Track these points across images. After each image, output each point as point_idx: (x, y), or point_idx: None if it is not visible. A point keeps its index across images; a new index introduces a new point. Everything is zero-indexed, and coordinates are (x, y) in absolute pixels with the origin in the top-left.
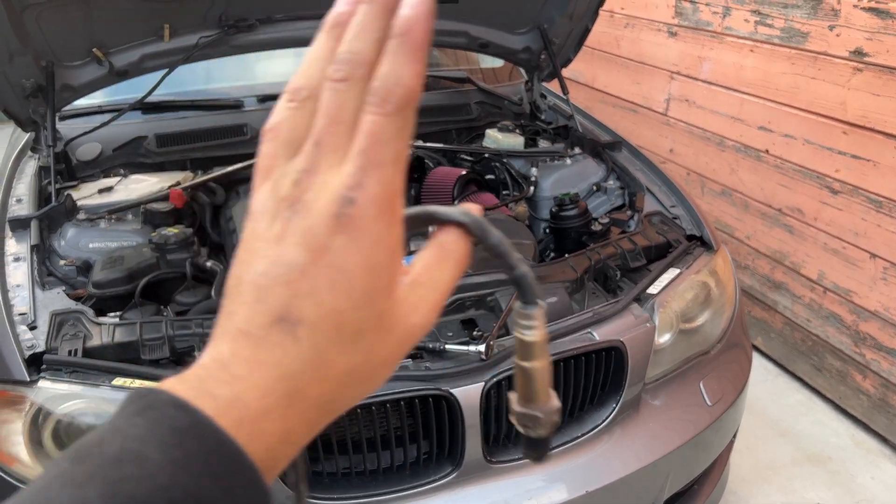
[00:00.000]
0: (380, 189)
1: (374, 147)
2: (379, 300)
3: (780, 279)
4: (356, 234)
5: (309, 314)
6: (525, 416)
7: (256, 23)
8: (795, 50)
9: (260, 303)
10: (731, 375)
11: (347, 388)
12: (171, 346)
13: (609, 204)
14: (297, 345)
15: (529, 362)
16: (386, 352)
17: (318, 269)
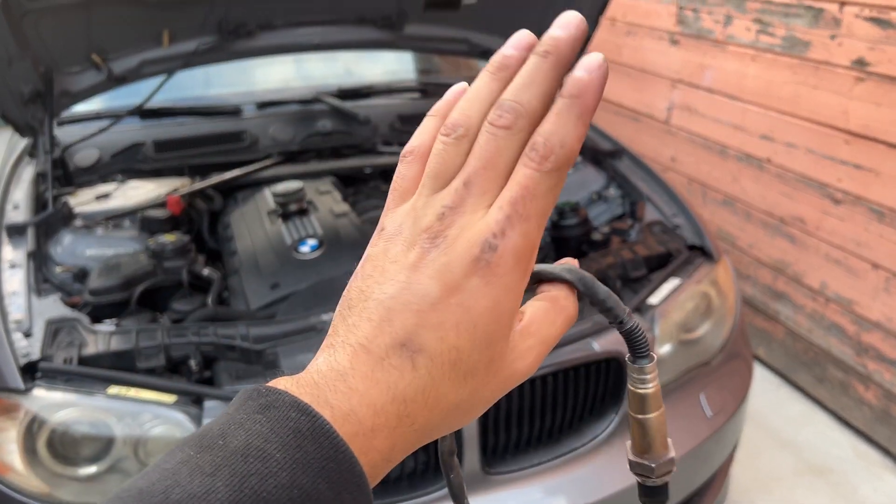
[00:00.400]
0: (521, 241)
1: (524, 199)
2: (496, 346)
3: (782, 289)
4: (491, 280)
5: (431, 346)
6: (641, 465)
7: (256, 29)
8: (797, 59)
9: (386, 323)
10: (732, 386)
11: (449, 419)
12: (167, 354)
13: (610, 213)
14: (414, 372)
15: (644, 415)
16: (489, 392)
17: (447, 305)
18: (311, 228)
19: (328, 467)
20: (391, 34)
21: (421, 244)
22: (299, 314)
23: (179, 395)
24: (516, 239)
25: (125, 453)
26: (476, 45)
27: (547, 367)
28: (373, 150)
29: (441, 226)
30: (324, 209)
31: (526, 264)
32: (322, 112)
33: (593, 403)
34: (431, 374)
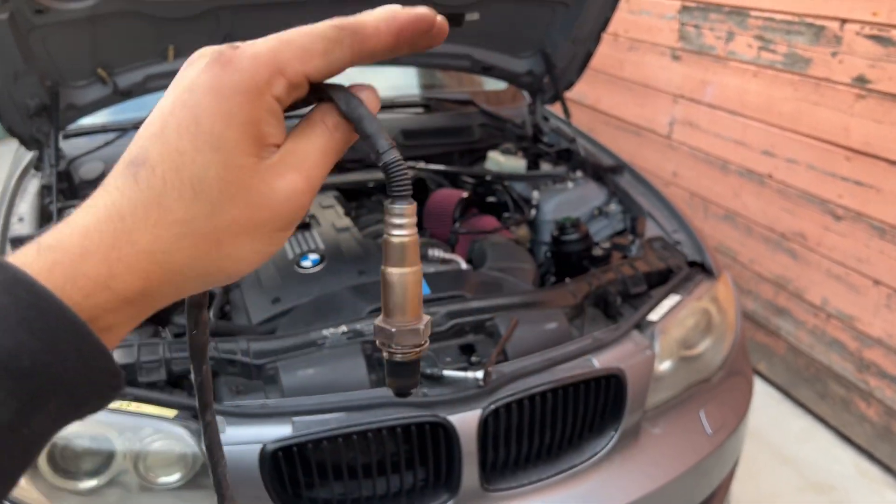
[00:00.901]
0: (266, 52)
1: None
2: (226, 150)
3: (784, 304)
4: (220, 76)
5: (153, 155)
6: (384, 332)
7: None
8: (798, 76)
9: (127, 151)
10: (733, 403)
11: (185, 242)
12: (168, 368)
13: (610, 228)
14: (135, 186)
15: (398, 268)
16: (238, 212)
17: (175, 110)
18: (312, 243)
19: (28, 316)
20: None
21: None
22: (300, 329)
23: (180, 410)
24: (262, 47)
25: (125, 467)
26: (478, 61)
27: (546, 384)
28: (375, 164)
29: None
30: (326, 223)
31: (265, 75)
32: None
33: (593, 420)
34: (153, 185)
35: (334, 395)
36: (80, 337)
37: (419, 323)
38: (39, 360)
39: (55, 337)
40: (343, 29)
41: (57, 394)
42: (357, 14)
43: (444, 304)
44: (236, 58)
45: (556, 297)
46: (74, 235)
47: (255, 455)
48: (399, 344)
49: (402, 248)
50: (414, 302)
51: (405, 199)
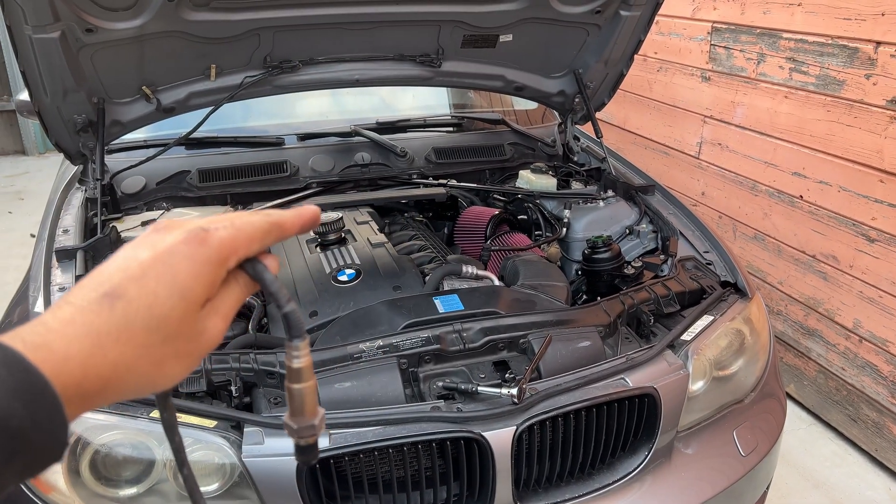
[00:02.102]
0: (228, 238)
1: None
2: (190, 302)
3: (814, 326)
4: (197, 250)
5: (130, 293)
6: (290, 427)
7: (299, 64)
8: (831, 97)
9: (96, 284)
10: (765, 425)
11: (141, 361)
12: (208, 379)
13: (642, 248)
14: (111, 313)
15: (298, 385)
16: (182, 347)
17: (155, 263)
18: (348, 258)
19: (20, 388)
20: (430, 71)
21: (152, 230)
22: (337, 343)
23: (219, 420)
24: (225, 234)
25: (164, 476)
26: (511, 81)
27: (580, 402)
28: (409, 181)
29: (173, 221)
30: (361, 239)
31: (226, 254)
32: (361, 144)
33: (626, 439)
34: (127, 314)
35: (371, 409)
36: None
37: (315, 419)
38: (24, 425)
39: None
40: (273, 224)
41: (25, 454)
42: (280, 213)
43: (478, 321)
44: (209, 239)
45: (590, 315)
46: (57, 340)
47: (293, 467)
48: (301, 435)
49: (300, 371)
50: (310, 406)
51: (301, 338)
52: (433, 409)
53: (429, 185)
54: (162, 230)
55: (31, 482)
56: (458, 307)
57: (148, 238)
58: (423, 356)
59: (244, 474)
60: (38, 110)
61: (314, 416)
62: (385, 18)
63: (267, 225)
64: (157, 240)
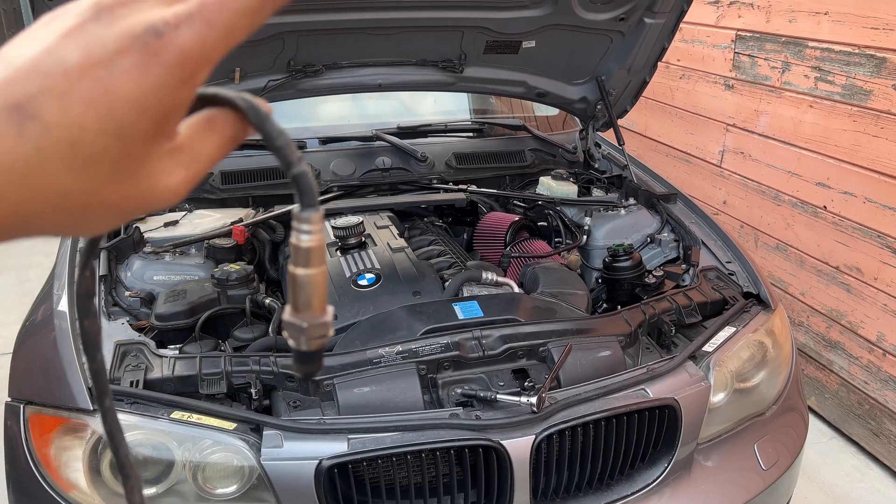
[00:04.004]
0: (194, 43)
1: (216, 4)
2: (130, 140)
3: (837, 338)
4: (145, 65)
5: (49, 115)
6: (293, 326)
7: (323, 68)
8: (857, 107)
9: (6, 84)
10: (787, 439)
11: (56, 210)
12: (229, 381)
13: (663, 256)
14: (19, 139)
15: (304, 269)
16: (116, 197)
17: (85, 77)
18: (368, 262)
19: None
20: (452, 76)
21: (84, 16)
22: (356, 347)
23: (238, 423)
24: (189, 37)
25: (184, 477)
26: (533, 88)
27: (600, 412)
28: (429, 186)
29: (115, 3)
30: (381, 243)
31: (191, 70)
32: (381, 149)
33: (645, 450)
34: (40, 146)
35: (389, 414)
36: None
37: (325, 316)
38: None
39: None
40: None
41: None
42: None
43: (497, 328)
44: (162, 49)
45: (611, 324)
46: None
47: (311, 470)
48: (309, 336)
49: (308, 251)
50: (319, 299)
51: (313, 208)
52: (452, 417)
53: (449, 190)
54: (103, 16)
55: (51, 480)
56: (477, 314)
57: (82, 27)
58: (442, 362)
59: (262, 477)
60: None
61: (322, 313)
62: (408, 24)
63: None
64: (92, 36)
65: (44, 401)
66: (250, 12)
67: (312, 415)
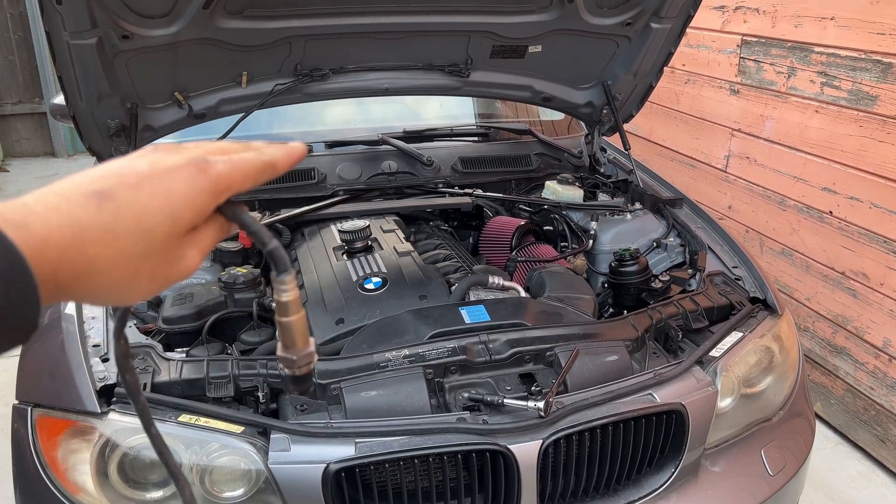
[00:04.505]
0: (225, 173)
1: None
2: (178, 224)
3: (842, 344)
4: (197, 176)
5: (122, 198)
6: (286, 359)
7: (329, 73)
8: (863, 112)
9: (88, 181)
10: (794, 445)
11: (117, 267)
12: (236, 384)
13: (669, 261)
14: (98, 211)
15: (287, 318)
16: (157, 267)
17: (153, 177)
18: (375, 266)
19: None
20: (458, 80)
21: (146, 149)
22: (363, 351)
23: (246, 426)
24: (224, 167)
25: (191, 480)
26: (539, 92)
27: (607, 417)
28: (435, 190)
29: (173, 146)
30: (387, 247)
31: (220, 190)
32: (387, 153)
33: (652, 455)
34: (114, 218)
35: (397, 418)
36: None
37: (309, 348)
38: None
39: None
40: (266, 163)
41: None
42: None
43: (504, 332)
44: (209, 170)
45: (617, 329)
46: (38, 223)
47: (319, 474)
48: (299, 365)
49: (287, 304)
50: (302, 337)
51: (286, 273)
52: (459, 421)
53: (455, 194)
54: (163, 150)
55: (59, 483)
56: (484, 318)
57: (149, 154)
58: (449, 367)
59: (270, 481)
60: (73, 114)
61: (307, 346)
62: (415, 29)
63: (261, 164)
64: (157, 158)
65: (51, 403)
66: (258, 171)
67: (320, 418)
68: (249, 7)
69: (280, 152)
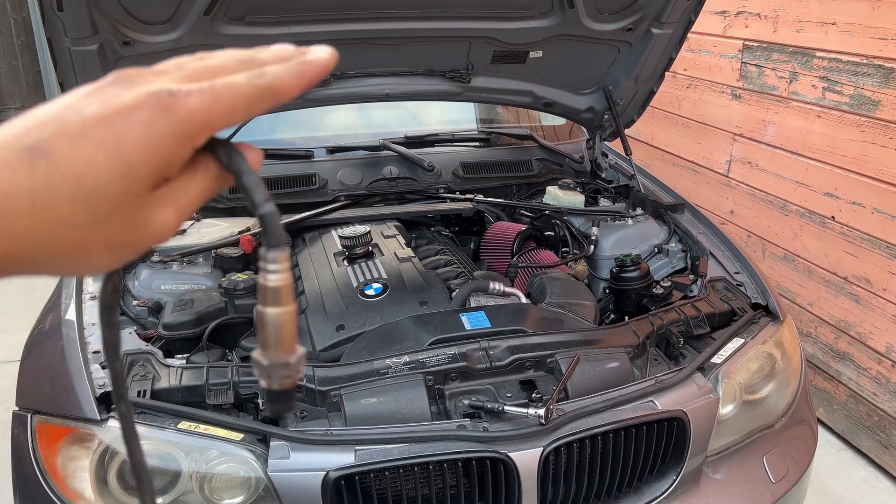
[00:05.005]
0: (201, 108)
1: (225, 84)
2: (134, 180)
3: (845, 349)
4: (157, 118)
5: (61, 153)
6: (261, 365)
7: (331, 78)
8: (865, 117)
9: (23, 131)
10: (796, 452)
11: (57, 240)
12: (236, 391)
13: (670, 267)
14: (29, 173)
15: (273, 308)
16: (113, 231)
17: (101, 122)
18: (375, 272)
19: None
20: (459, 86)
21: (103, 80)
22: (363, 358)
23: (245, 433)
24: (198, 102)
25: (190, 487)
26: (540, 97)
27: (608, 424)
28: (436, 196)
29: (138, 73)
30: (388, 253)
31: (194, 130)
32: (388, 158)
33: (654, 463)
34: (50, 180)
35: (397, 426)
36: None
37: (294, 356)
38: None
39: None
40: (264, 89)
41: None
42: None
43: (505, 339)
44: (174, 106)
45: (619, 335)
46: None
47: (318, 482)
48: (277, 375)
49: (277, 290)
50: (287, 339)
51: (279, 248)
52: (459, 428)
53: (456, 199)
54: (122, 82)
55: (58, 489)
56: (484, 324)
57: (102, 90)
58: (450, 373)
59: (269, 488)
60: None
61: (291, 353)
62: (416, 34)
63: (256, 91)
64: (111, 94)
65: (51, 410)
66: (251, 100)
67: (319, 426)
68: (250, 13)
69: (287, 73)
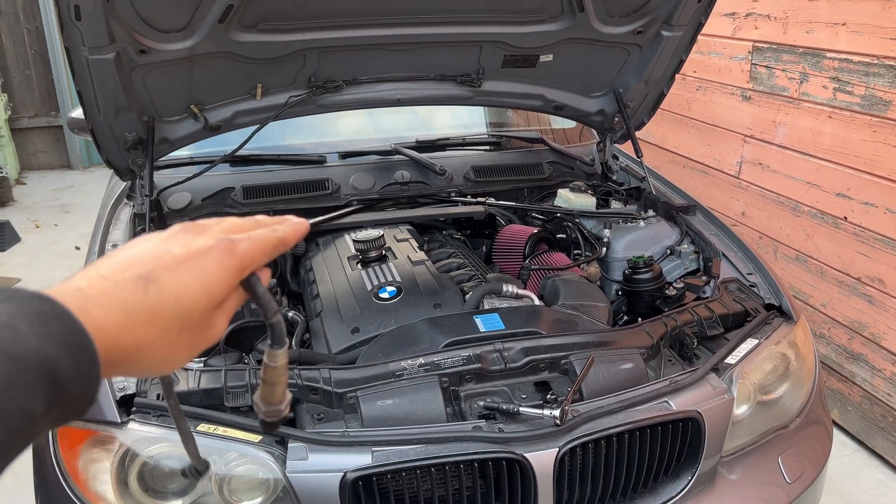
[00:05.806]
0: (248, 251)
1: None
2: (212, 300)
3: (859, 350)
4: (225, 256)
5: (164, 281)
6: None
7: (343, 84)
8: (877, 118)
9: (129, 265)
10: (811, 453)
11: (160, 343)
12: (254, 394)
13: (683, 268)
14: (144, 294)
15: (273, 380)
16: (194, 338)
17: (187, 259)
18: (389, 275)
19: (68, 341)
20: (470, 90)
21: (173, 230)
22: (379, 360)
23: (264, 436)
24: (247, 245)
25: (209, 489)
26: (550, 101)
27: (623, 425)
28: (447, 199)
29: (199, 224)
30: (401, 256)
31: (245, 266)
32: (400, 162)
33: (669, 463)
34: (158, 299)
35: (413, 427)
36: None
37: (282, 404)
38: (68, 375)
39: (82, 364)
40: (280, 241)
41: (62, 403)
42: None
43: (519, 341)
44: (234, 249)
45: (632, 336)
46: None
47: (336, 483)
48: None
49: (276, 369)
50: (280, 396)
51: (280, 347)
52: (475, 429)
53: (467, 203)
54: (191, 231)
55: (79, 492)
56: (499, 326)
57: (179, 236)
58: (465, 375)
59: (287, 489)
60: (92, 128)
61: (282, 402)
62: (427, 39)
63: (275, 241)
64: (188, 240)
65: None
66: (275, 247)
67: (336, 427)
68: (264, 21)
69: (288, 229)
